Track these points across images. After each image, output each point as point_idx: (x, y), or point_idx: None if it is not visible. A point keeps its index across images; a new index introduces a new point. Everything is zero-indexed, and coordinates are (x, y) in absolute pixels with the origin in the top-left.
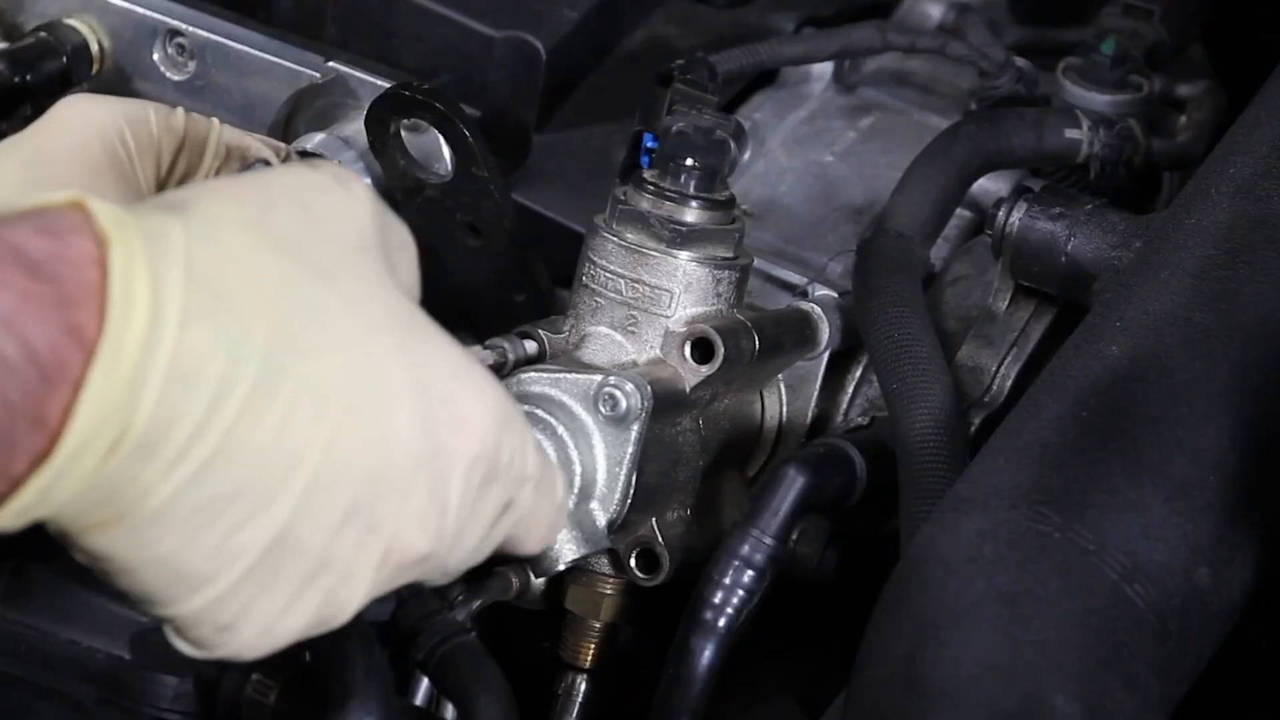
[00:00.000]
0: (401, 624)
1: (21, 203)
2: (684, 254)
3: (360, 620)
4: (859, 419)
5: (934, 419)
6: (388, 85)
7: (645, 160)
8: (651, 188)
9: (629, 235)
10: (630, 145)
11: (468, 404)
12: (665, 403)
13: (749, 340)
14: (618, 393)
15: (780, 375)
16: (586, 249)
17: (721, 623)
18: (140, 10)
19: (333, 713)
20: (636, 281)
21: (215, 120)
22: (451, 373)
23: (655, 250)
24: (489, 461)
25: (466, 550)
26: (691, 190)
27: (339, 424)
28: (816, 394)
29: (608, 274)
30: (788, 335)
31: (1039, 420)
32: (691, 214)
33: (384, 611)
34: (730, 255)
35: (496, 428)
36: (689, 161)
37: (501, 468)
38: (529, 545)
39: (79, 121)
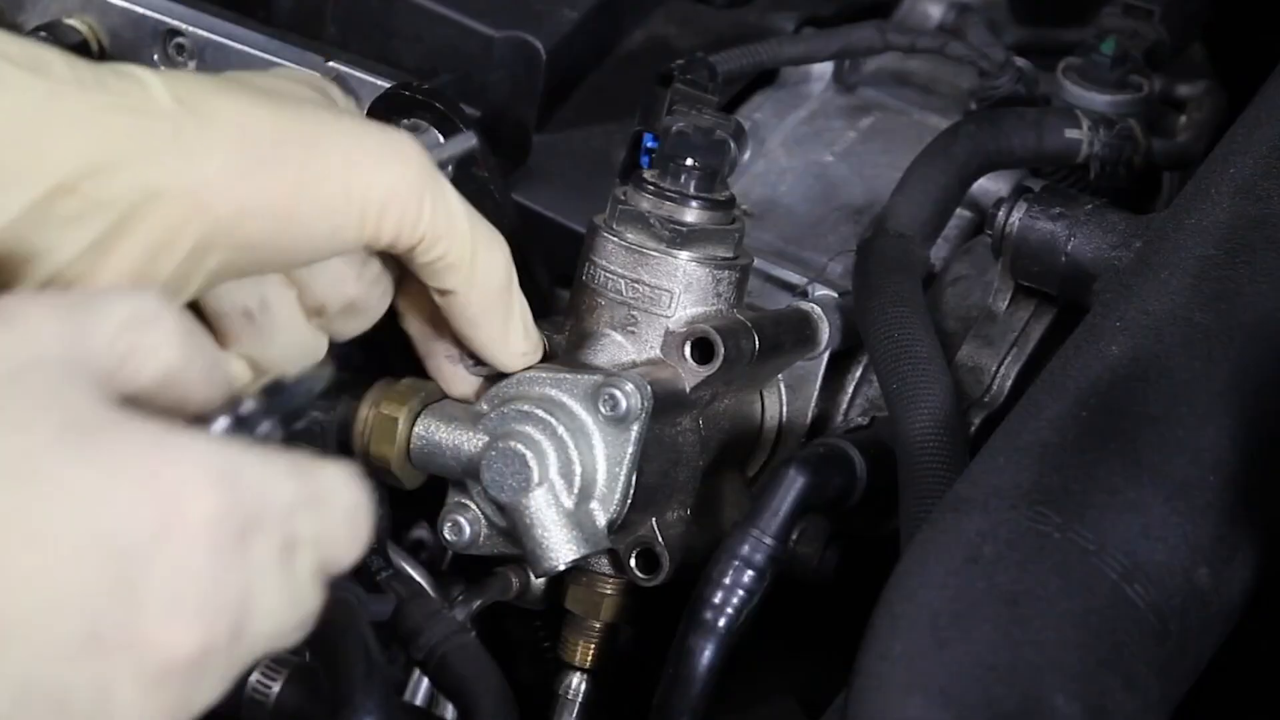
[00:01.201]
0: (401, 624)
1: None
2: (684, 254)
3: (361, 620)
4: (859, 419)
5: (934, 419)
6: (388, 85)
7: (645, 160)
8: (651, 188)
9: (629, 235)
10: (630, 145)
11: (175, 469)
12: (665, 403)
13: (749, 340)
14: (618, 393)
15: (780, 375)
16: (586, 249)
17: (721, 623)
18: (140, 10)
19: (333, 713)
20: (636, 281)
21: None
22: (145, 447)
23: (655, 250)
24: (232, 516)
25: (273, 611)
26: (692, 190)
27: (6, 555)
28: (816, 394)
29: (608, 274)
30: (787, 335)
31: (1039, 420)
32: (692, 214)
33: (384, 612)
34: (730, 255)
35: (222, 477)
36: (689, 161)
37: (253, 514)
38: (344, 560)
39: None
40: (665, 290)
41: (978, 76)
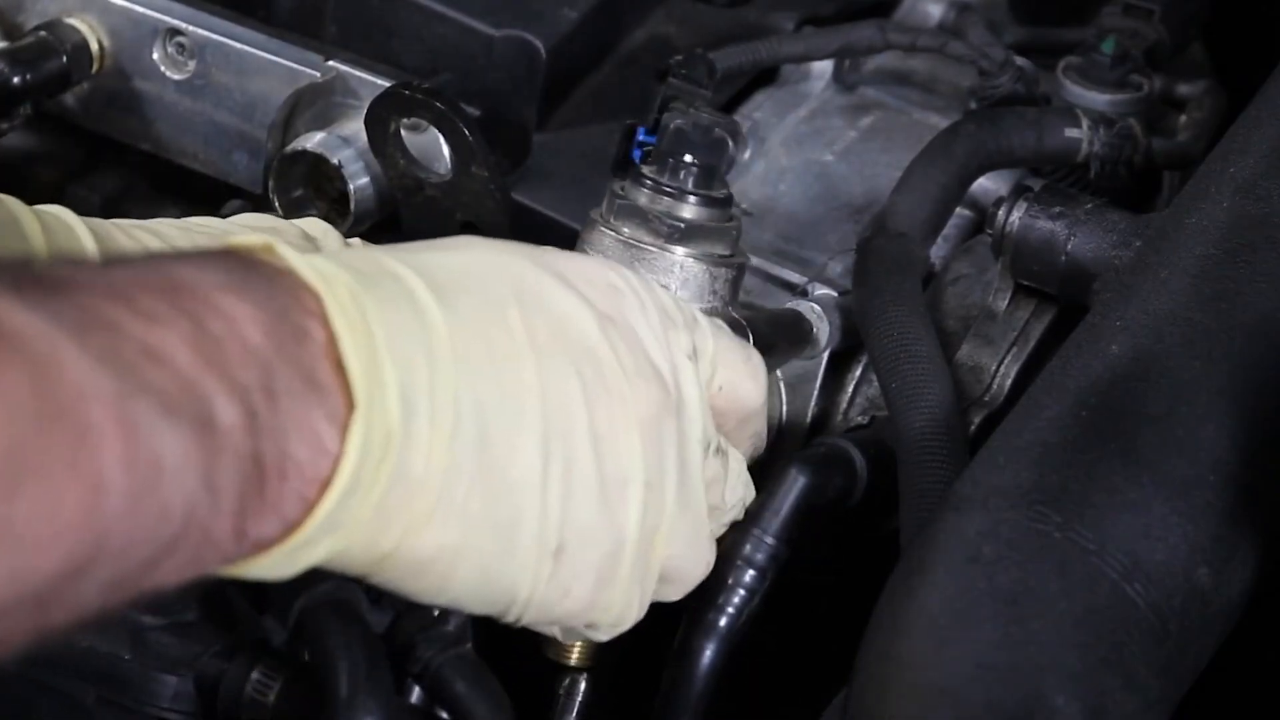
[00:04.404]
0: (398, 636)
1: None
2: (681, 249)
3: (362, 620)
4: (859, 419)
5: (934, 419)
6: (388, 85)
7: (637, 154)
8: (650, 183)
9: (625, 230)
10: (622, 137)
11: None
12: None
13: (744, 339)
14: None
15: (780, 375)
16: (583, 244)
17: (723, 622)
18: (140, 9)
19: (335, 712)
20: None
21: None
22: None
23: (652, 245)
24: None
25: (693, 398)
26: (690, 186)
27: None
28: (816, 394)
29: None
30: (782, 335)
31: (1039, 420)
32: (690, 210)
33: (380, 623)
34: (727, 253)
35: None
36: (688, 158)
37: (670, 315)
38: (740, 388)
39: None
40: (661, 286)
41: (978, 76)
